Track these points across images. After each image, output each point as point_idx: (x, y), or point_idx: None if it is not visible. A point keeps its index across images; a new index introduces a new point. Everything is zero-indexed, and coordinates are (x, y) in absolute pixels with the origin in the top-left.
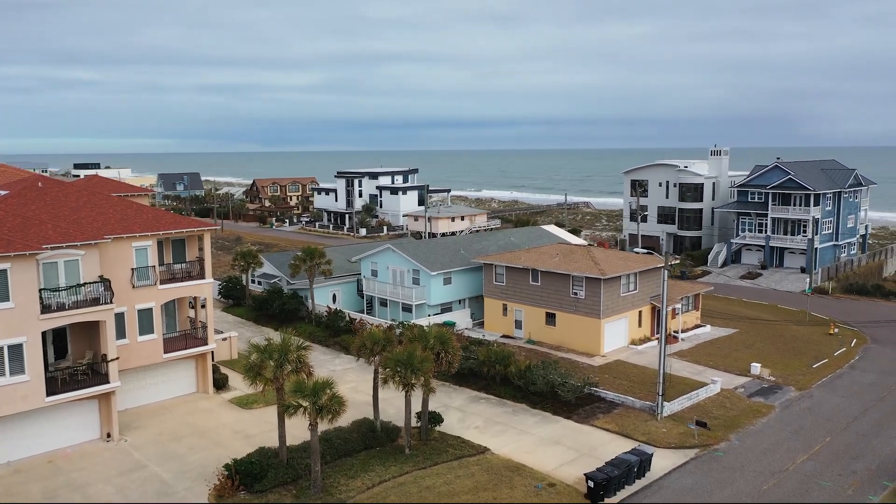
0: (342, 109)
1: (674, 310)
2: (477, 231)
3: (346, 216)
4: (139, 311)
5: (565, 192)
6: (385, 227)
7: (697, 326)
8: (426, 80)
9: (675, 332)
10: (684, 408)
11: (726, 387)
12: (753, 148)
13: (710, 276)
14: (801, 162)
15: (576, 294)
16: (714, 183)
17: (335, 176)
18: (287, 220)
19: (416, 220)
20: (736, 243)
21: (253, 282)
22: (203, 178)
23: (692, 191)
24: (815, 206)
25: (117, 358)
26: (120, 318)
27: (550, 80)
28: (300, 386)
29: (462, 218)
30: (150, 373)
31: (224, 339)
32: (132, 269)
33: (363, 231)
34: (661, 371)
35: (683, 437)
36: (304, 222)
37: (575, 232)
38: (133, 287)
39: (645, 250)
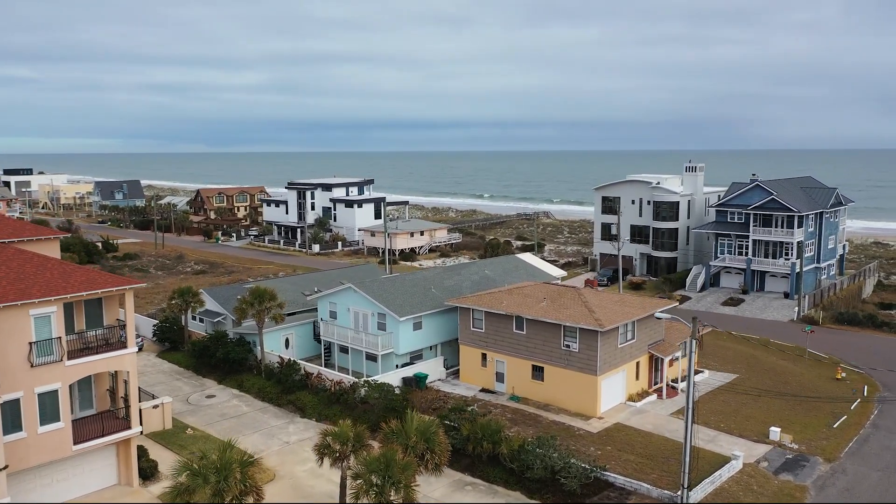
0: (290, 110)
1: (672, 358)
2: (441, 247)
3: (298, 230)
4: (40, 395)
5: (530, 202)
6: (340, 243)
7: (696, 373)
8: (375, 82)
9: (672, 381)
10: (707, 494)
11: (747, 459)
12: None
13: (690, 301)
14: (780, 181)
15: (568, 346)
16: (689, 201)
17: (286, 187)
18: (234, 235)
19: (372, 235)
20: (715, 266)
21: (194, 318)
22: (146, 184)
23: (667, 209)
24: (798, 227)
25: (5, 467)
26: (13, 406)
27: (499, 83)
28: None
29: (422, 233)
30: (56, 467)
31: (155, 407)
32: (30, 343)
33: (316, 247)
34: (687, 459)
35: None
36: (252, 237)
37: (539, 247)
38: (31, 366)
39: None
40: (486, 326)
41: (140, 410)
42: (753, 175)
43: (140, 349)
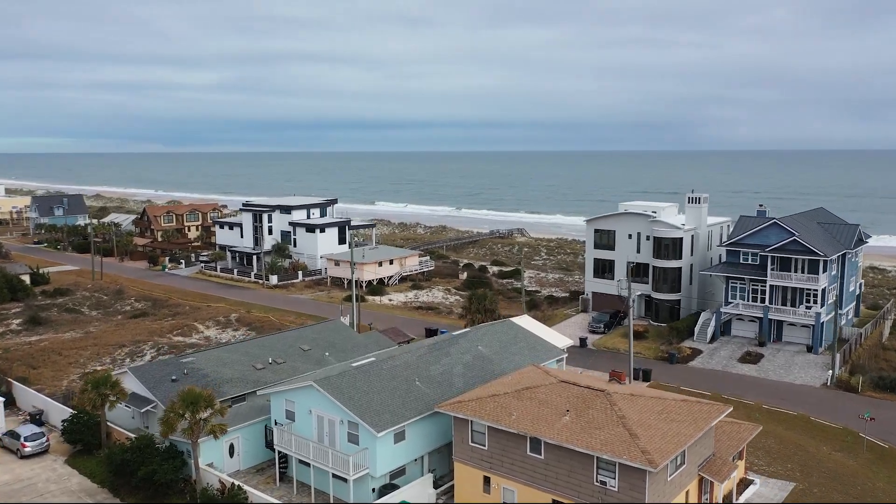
0: (250, 109)
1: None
2: (413, 275)
3: (254, 257)
4: None
5: (500, 211)
6: (301, 272)
7: (746, 484)
8: (336, 81)
9: (726, 500)
10: None
11: None
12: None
13: (702, 356)
14: (796, 217)
15: (604, 483)
16: (693, 235)
17: (240, 209)
18: (183, 261)
19: (336, 264)
20: (726, 313)
21: (121, 403)
22: (95, 191)
23: (670, 246)
24: (823, 272)
25: None
26: None
27: (461, 83)
28: None
29: (391, 261)
30: None
31: None
32: None
33: (274, 278)
34: None
35: None
36: (202, 265)
37: (517, 273)
38: None
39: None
40: (491, 443)
41: None
42: (761, 206)
43: (45, 451)
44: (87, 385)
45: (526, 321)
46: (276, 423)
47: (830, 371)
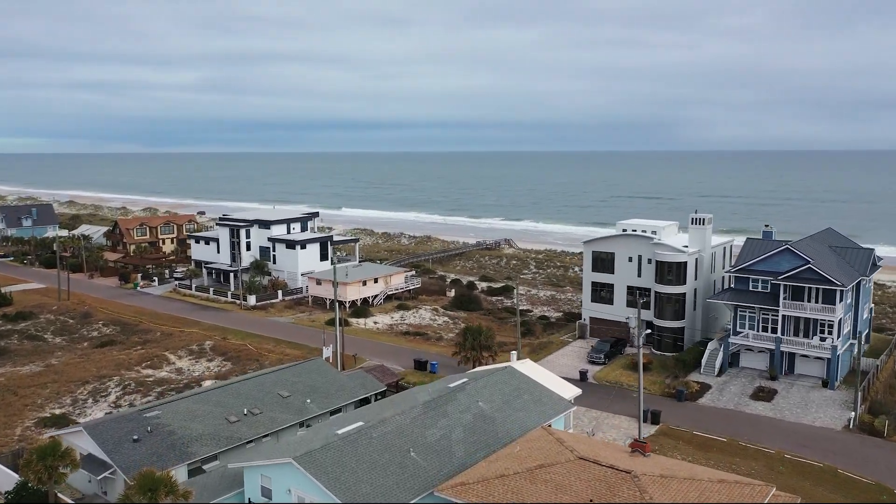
0: (230, 110)
1: None
2: (399, 293)
3: (231, 275)
4: None
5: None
6: (280, 291)
7: None
8: (316, 81)
9: None
10: None
11: None
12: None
13: (711, 392)
14: (807, 241)
15: None
16: (697, 259)
17: (217, 223)
18: (157, 279)
19: (318, 283)
20: (735, 344)
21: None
22: (69, 196)
23: (673, 271)
24: (839, 302)
25: None
26: None
27: (441, 84)
28: None
29: (375, 280)
30: None
31: None
32: None
33: (252, 299)
34: None
35: None
36: (176, 282)
37: (506, 289)
38: None
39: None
40: None
41: None
42: (767, 227)
43: None
44: (33, 456)
45: (528, 367)
46: (249, 502)
47: (853, 413)
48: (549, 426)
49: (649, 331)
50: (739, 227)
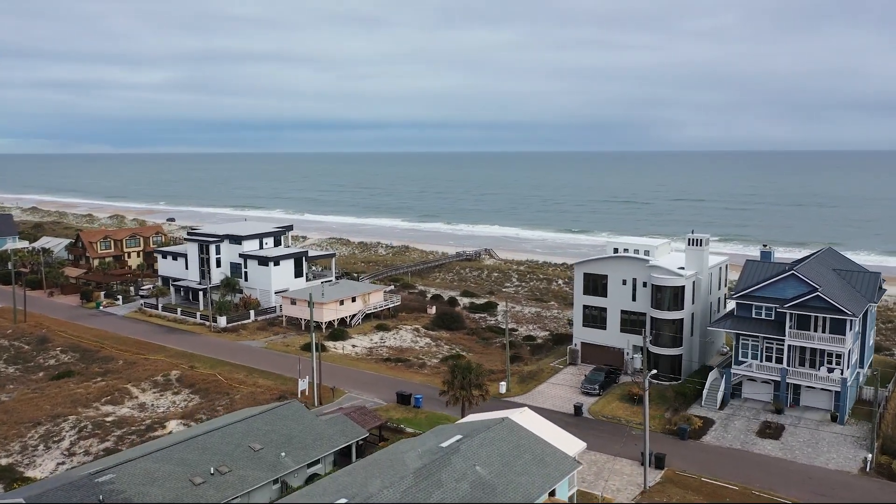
0: (202, 110)
1: None
2: (378, 311)
3: (200, 293)
4: None
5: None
6: (252, 311)
7: None
8: (290, 81)
9: None
10: None
11: None
12: (612, 152)
13: (715, 429)
14: (810, 263)
15: None
16: (694, 282)
17: (185, 238)
18: (121, 297)
19: (293, 303)
20: (737, 374)
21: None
22: (35, 201)
23: (670, 296)
24: (848, 331)
25: None
26: None
27: (416, 84)
28: None
29: (353, 299)
30: None
31: None
32: None
33: (223, 320)
34: None
35: None
36: (142, 301)
37: (490, 306)
38: None
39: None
40: None
41: None
42: (765, 246)
43: None
44: None
45: (526, 417)
46: None
47: (868, 455)
48: (554, 493)
49: (637, 343)
50: (721, 233)
